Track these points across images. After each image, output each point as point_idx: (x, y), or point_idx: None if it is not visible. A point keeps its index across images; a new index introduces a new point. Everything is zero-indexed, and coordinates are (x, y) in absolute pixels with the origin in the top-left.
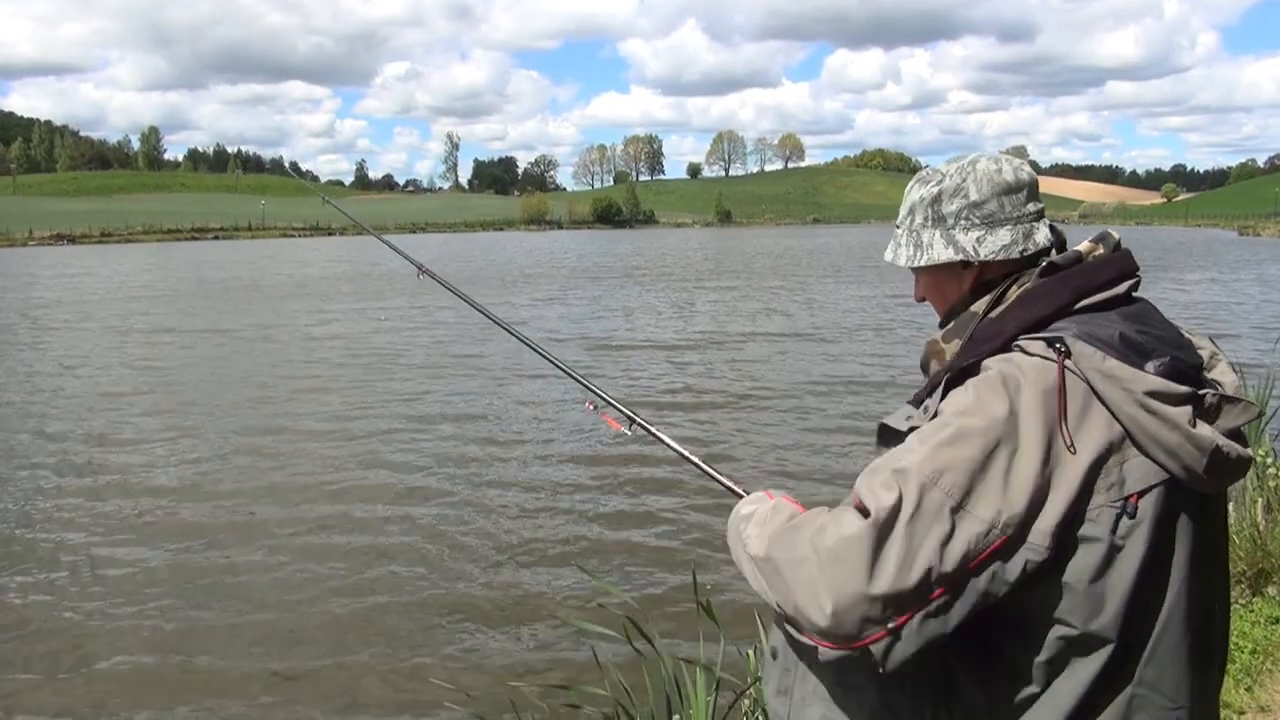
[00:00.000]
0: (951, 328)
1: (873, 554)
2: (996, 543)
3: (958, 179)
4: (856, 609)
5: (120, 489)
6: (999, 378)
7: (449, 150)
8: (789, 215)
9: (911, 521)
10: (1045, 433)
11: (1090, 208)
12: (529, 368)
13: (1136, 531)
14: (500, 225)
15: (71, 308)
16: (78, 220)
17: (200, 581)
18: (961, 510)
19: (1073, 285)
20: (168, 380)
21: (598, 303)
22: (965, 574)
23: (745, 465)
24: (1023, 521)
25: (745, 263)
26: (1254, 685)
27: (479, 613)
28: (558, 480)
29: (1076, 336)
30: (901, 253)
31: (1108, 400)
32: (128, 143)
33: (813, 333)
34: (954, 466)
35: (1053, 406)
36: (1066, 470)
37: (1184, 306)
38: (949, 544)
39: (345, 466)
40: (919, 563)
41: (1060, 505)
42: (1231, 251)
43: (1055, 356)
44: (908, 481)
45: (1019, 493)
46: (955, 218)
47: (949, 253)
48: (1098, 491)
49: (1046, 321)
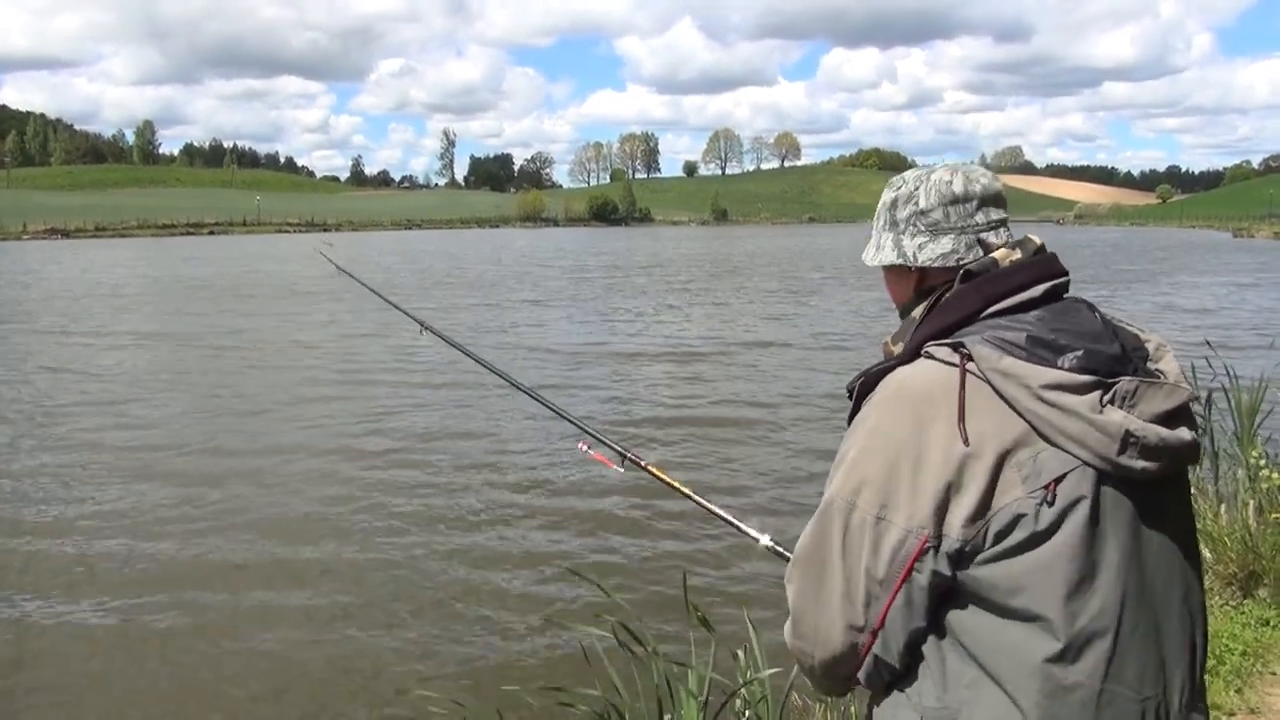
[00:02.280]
0: (898, 330)
1: (816, 584)
2: (918, 544)
3: (912, 186)
4: (835, 628)
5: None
6: (898, 389)
7: (445, 147)
8: (785, 214)
9: (844, 543)
10: (946, 435)
11: (1085, 208)
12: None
13: (1058, 517)
14: (496, 222)
15: (13, 306)
16: (72, 214)
17: (184, 593)
18: (881, 521)
19: (984, 292)
20: (105, 387)
21: (591, 307)
22: (906, 574)
23: (749, 486)
24: (936, 520)
25: (746, 262)
26: (1244, 687)
27: (469, 619)
28: (549, 487)
29: (982, 340)
30: (866, 252)
31: (1009, 397)
32: (122, 137)
33: (813, 342)
34: (866, 483)
35: (952, 409)
36: (971, 467)
37: (1189, 311)
38: (878, 552)
39: (331, 476)
40: (860, 574)
41: (971, 500)
42: (1236, 255)
43: (958, 361)
44: (831, 509)
45: (926, 496)
46: (905, 223)
47: (893, 256)
48: (1013, 485)
49: (957, 327)
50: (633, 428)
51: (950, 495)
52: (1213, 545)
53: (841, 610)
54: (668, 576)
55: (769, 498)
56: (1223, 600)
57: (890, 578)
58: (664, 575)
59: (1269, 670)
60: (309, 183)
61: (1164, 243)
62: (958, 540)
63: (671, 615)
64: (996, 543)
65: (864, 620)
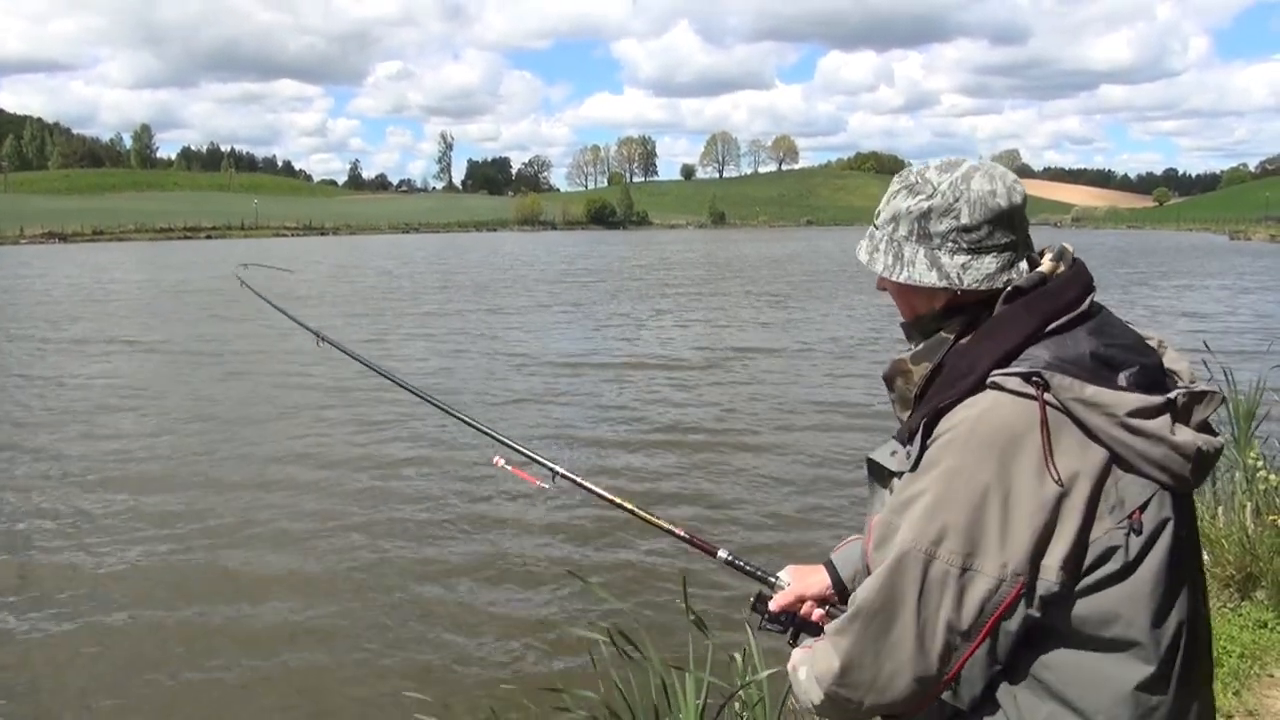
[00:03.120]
0: (921, 350)
1: (879, 637)
2: (1012, 592)
3: (950, 197)
4: (900, 680)
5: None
6: (974, 427)
7: (443, 150)
8: (782, 217)
9: (921, 597)
10: (1034, 474)
11: (1082, 211)
12: (530, 379)
13: (1146, 544)
14: (494, 226)
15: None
16: (70, 218)
17: (177, 605)
18: (968, 572)
19: (1040, 310)
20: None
21: (587, 314)
22: (993, 625)
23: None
24: (1031, 565)
25: (746, 268)
26: (1242, 689)
27: (467, 624)
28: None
29: (1050, 366)
30: (879, 259)
31: (1091, 427)
32: (120, 141)
33: (822, 350)
34: (949, 531)
35: (1038, 445)
36: (1064, 505)
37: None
38: (963, 606)
39: (323, 482)
40: (939, 627)
41: (1066, 540)
42: (1233, 259)
43: (1034, 391)
44: (905, 560)
45: (1020, 540)
46: (943, 239)
47: (932, 276)
48: (1100, 518)
49: (1017, 352)
50: (618, 438)
51: (1045, 538)
52: (1210, 548)
53: (912, 663)
54: (666, 581)
55: (758, 513)
56: (1220, 603)
57: (976, 628)
58: (662, 579)
59: (1266, 672)
60: (306, 186)
61: (1161, 246)
62: (1055, 584)
63: (670, 619)
64: (1088, 577)
65: (937, 671)
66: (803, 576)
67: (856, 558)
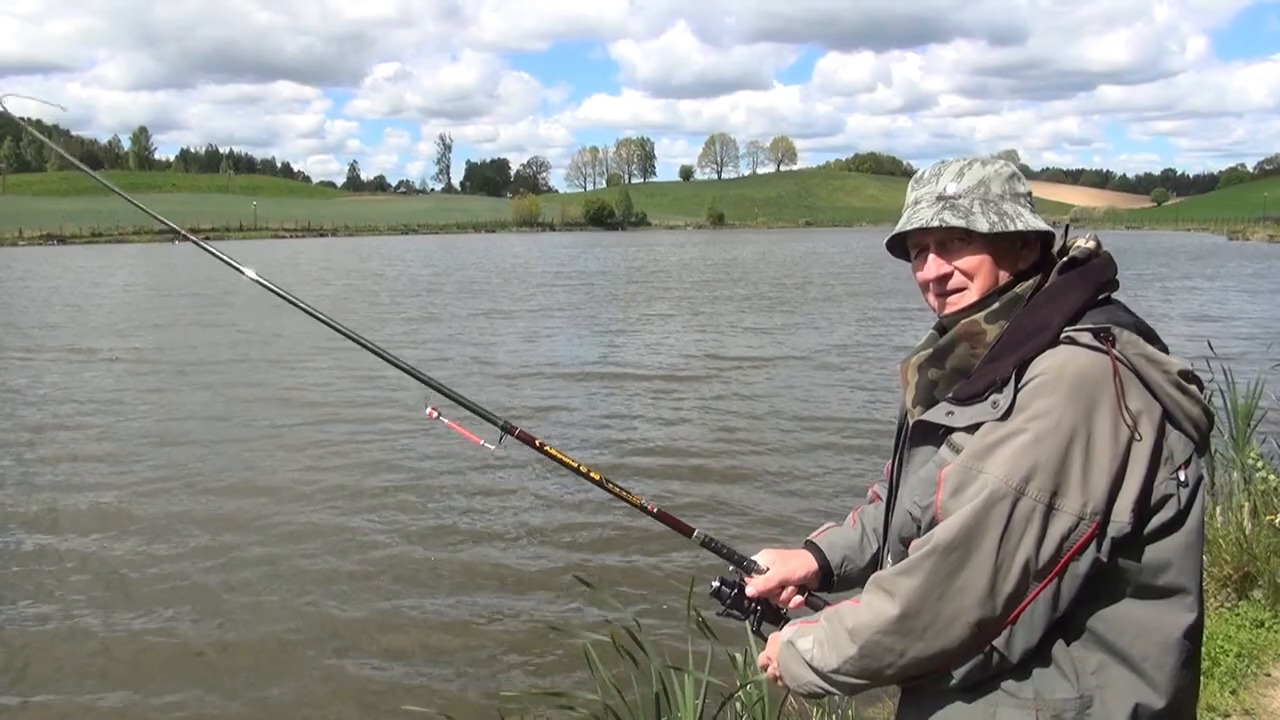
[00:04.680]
0: (998, 308)
1: (951, 577)
2: (1088, 531)
3: (1012, 167)
4: (960, 622)
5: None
6: (1062, 373)
7: (442, 151)
8: (781, 218)
9: (1005, 533)
10: (1111, 420)
11: (1081, 211)
12: (536, 383)
13: (1190, 496)
14: (493, 227)
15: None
16: (68, 220)
17: (169, 615)
18: (1052, 510)
19: (1094, 280)
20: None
21: (581, 318)
22: (1065, 564)
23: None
24: (1106, 506)
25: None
26: (1239, 688)
27: (467, 624)
28: (549, 495)
29: (1115, 324)
30: (980, 220)
31: (1150, 382)
32: (118, 143)
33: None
34: (1038, 470)
35: (1112, 394)
36: (1136, 451)
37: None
38: (1043, 543)
39: (322, 484)
40: (1015, 566)
41: (1136, 484)
42: (1232, 260)
43: (1105, 346)
44: (995, 498)
45: (1099, 481)
46: (1025, 199)
47: (1039, 222)
48: (1161, 466)
49: (1080, 314)
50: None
51: (1119, 481)
52: (1207, 547)
53: (979, 604)
54: (667, 581)
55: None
56: (1218, 602)
57: (1049, 566)
58: (664, 581)
59: (1264, 671)
60: (305, 188)
61: (1160, 247)
62: (1127, 524)
63: (671, 620)
64: (1150, 522)
65: (1001, 613)
66: (784, 559)
67: (843, 544)
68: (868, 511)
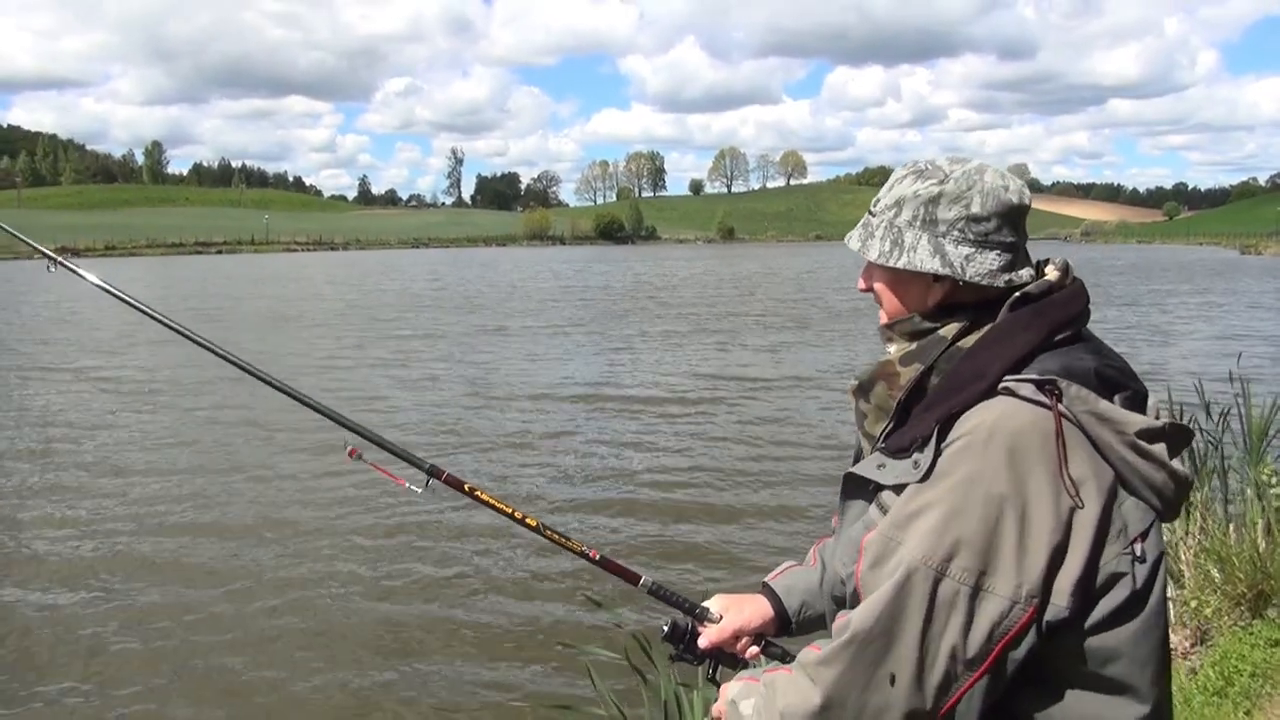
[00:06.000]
0: (914, 350)
1: (872, 668)
2: (1024, 616)
3: (963, 184)
4: (890, 713)
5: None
6: (993, 431)
7: (453, 165)
8: (791, 232)
9: (927, 620)
10: (1051, 487)
11: (1092, 226)
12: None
13: (1150, 574)
14: (503, 240)
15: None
16: (82, 233)
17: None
18: (980, 592)
19: (1050, 319)
20: None
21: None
22: (999, 653)
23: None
24: (1044, 586)
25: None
26: (1253, 709)
27: (476, 640)
28: (564, 503)
29: (1067, 376)
30: (873, 245)
31: (1100, 443)
32: (132, 157)
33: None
34: (962, 546)
35: (1053, 457)
36: (1077, 522)
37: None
38: (971, 630)
39: (332, 502)
40: (942, 655)
41: (1079, 561)
42: (1246, 275)
43: (1049, 400)
44: (913, 579)
45: (1035, 558)
46: (950, 226)
47: (934, 263)
48: (1110, 541)
49: (1028, 359)
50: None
51: (1059, 558)
52: (1221, 565)
53: (906, 697)
54: (684, 574)
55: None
56: (1231, 621)
57: (981, 656)
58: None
59: (1278, 691)
60: (317, 201)
61: (1172, 261)
62: (1065, 609)
63: None
64: (1096, 606)
65: (931, 707)
66: (738, 607)
67: (802, 586)
68: (829, 546)
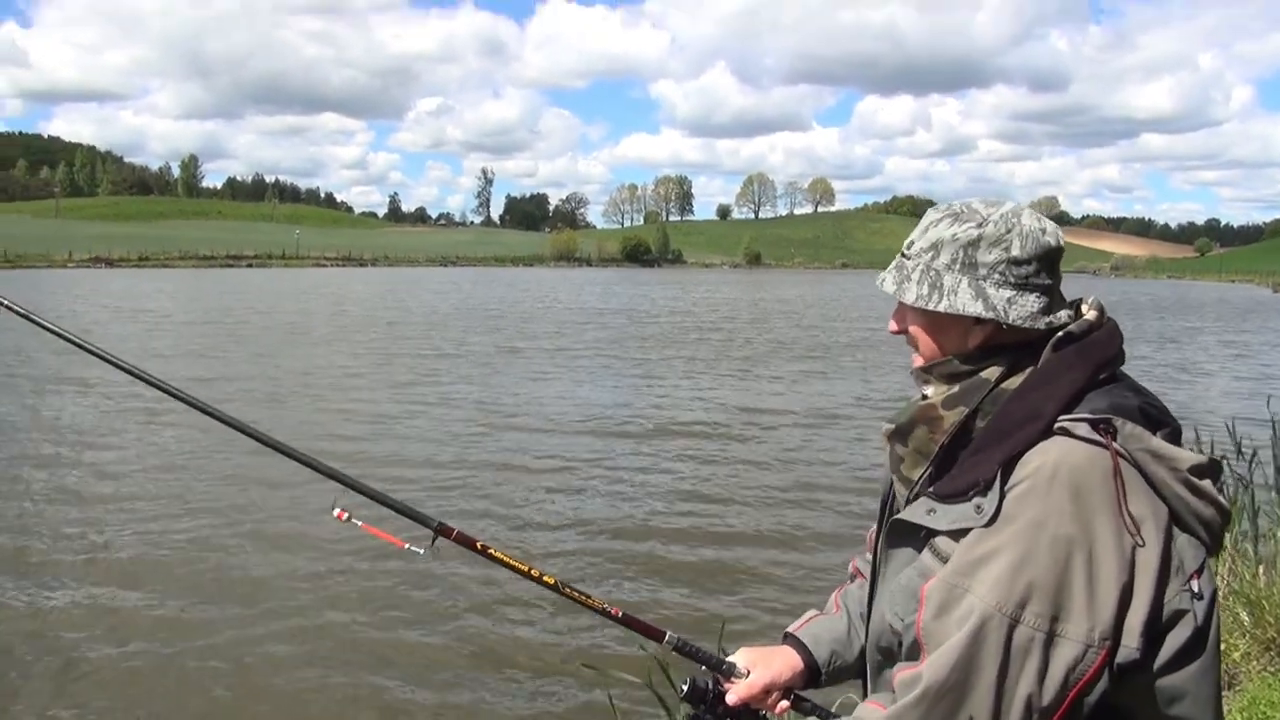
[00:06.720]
0: (957, 392)
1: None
2: (1098, 660)
3: (1002, 227)
4: None
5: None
6: (1056, 472)
7: (483, 185)
8: (818, 259)
9: (1002, 669)
10: (1113, 526)
11: (1121, 260)
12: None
13: (1207, 611)
14: (530, 261)
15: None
16: (117, 244)
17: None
18: (1055, 638)
19: (1093, 359)
20: None
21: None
22: (1073, 699)
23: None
24: (1115, 628)
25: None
26: None
27: (496, 664)
28: (584, 521)
29: (1113, 414)
30: (910, 289)
31: (1155, 480)
32: (168, 170)
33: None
34: (1036, 592)
35: (1113, 496)
36: (1140, 561)
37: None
38: (1046, 677)
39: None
40: (1018, 703)
41: (1145, 600)
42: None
43: (1105, 439)
44: (987, 627)
45: (1106, 599)
46: (990, 269)
47: (977, 306)
48: (1171, 578)
49: (1078, 398)
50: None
51: (1127, 598)
52: (1251, 609)
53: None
54: (704, 623)
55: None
56: (1261, 665)
57: (1056, 704)
58: (702, 619)
59: None
60: (347, 218)
61: (1206, 299)
62: (1136, 650)
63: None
64: (1162, 645)
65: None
66: (766, 660)
67: (829, 636)
68: (851, 593)
